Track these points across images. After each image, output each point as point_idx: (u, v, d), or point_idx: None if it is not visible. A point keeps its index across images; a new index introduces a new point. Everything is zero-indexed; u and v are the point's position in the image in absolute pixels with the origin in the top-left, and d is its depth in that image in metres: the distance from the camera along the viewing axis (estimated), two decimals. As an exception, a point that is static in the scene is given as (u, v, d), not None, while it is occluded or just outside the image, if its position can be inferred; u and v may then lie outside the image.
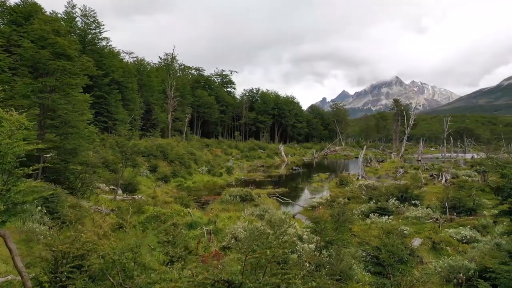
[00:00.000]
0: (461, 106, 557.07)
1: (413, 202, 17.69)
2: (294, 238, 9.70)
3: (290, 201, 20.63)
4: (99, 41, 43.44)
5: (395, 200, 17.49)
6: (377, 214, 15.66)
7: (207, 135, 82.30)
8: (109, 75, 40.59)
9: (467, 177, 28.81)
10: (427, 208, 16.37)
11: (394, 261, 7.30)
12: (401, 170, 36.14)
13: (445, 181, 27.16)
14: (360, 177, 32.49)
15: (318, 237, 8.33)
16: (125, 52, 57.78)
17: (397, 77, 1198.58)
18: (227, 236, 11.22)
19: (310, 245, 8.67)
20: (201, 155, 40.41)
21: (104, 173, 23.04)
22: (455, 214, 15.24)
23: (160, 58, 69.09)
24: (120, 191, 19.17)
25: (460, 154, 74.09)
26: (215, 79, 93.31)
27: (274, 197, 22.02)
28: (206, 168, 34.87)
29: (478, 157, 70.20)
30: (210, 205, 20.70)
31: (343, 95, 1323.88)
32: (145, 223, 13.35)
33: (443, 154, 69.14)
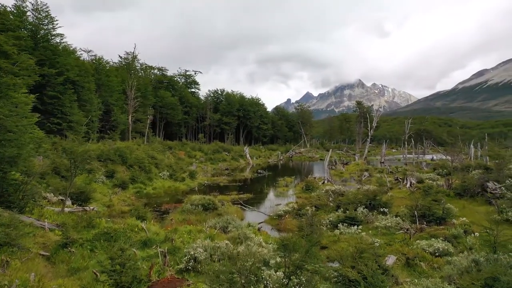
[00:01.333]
0: (420, 108, 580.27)
1: (381, 209, 17.18)
2: (259, 261, 8.71)
3: (255, 209, 19.67)
4: (53, 37, 40.79)
5: (363, 208, 16.91)
6: (346, 224, 14.97)
7: (171, 137, 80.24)
8: (63, 74, 38.15)
9: (431, 181, 28.98)
10: (396, 216, 15.87)
11: (374, 295, 6.52)
12: (366, 173, 36.12)
13: (410, 185, 27.12)
14: (326, 181, 32.07)
15: (286, 261, 7.36)
16: (83, 50, 54.91)
17: (359, 80, 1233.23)
18: (185, 256, 10.05)
19: (278, 272, 7.68)
20: (162, 158, 38.70)
21: (54, 181, 21.18)
22: (425, 223, 14.81)
23: (120, 57, 66.23)
24: (69, 202, 17.46)
25: (420, 156, 76.03)
26: (179, 79, 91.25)
27: (239, 205, 20.98)
28: (168, 173, 33.29)
29: (437, 158, 72.36)
30: (170, 214, 19.35)
31: (307, 96, 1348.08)
32: (94, 241, 11.92)
33: (404, 156, 70.59)
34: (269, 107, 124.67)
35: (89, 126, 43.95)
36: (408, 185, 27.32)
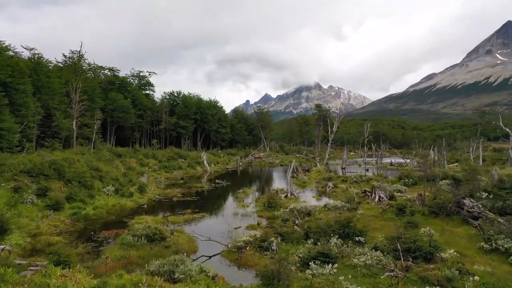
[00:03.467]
0: (374, 110, 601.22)
1: (356, 239, 14.88)
2: None
3: (210, 239, 16.80)
4: (-21, 33, 35.74)
5: (336, 239, 14.50)
6: (319, 262, 12.47)
7: (123, 142, 75.46)
8: (-9, 75, 33.41)
9: (399, 193, 27.40)
10: (375, 249, 13.56)
11: None
12: (330, 184, 34.17)
13: (379, 199, 25.31)
14: (289, 194, 29.76)
15: None
16: (24, 48, 49.25)
17: (317, 82, 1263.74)
18: None
19: None
20: (109, 170, 34.68)
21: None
22: (411, 259, 12.59)
23: (65, 56, 60.66)
24: (-28, 241, 13.73)
25: (378, 159, 75.77)
26: (132, 80, 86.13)
27: (192, 234, 17.92)
28: (113, 188, 29.48)
29: (396, 162, 72.57)
30: (106, 249, 16.02)
31: (266, 98, 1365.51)
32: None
33: (364, 160, 69.66)
34: (229, 108, 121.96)
35: (25, 133, 39.19)
36: (376, 199, 25.51)
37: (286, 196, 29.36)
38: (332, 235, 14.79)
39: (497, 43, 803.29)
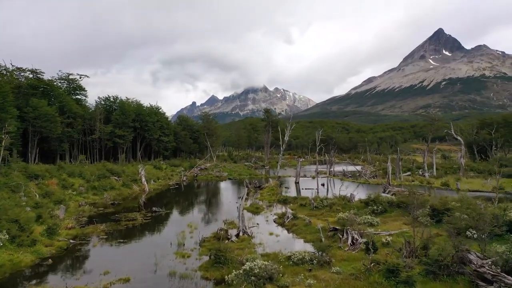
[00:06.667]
0: (318, 112, 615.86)
1: None
2: None
3: None
4: None
5: None
6: None
7: (49, 155, 65.89)
8: None
9: (370, 227, 22.79)
10: None
11: None
12: (289, 213, 28.96)
13: (352, 241, 20.51)
14: (241, 233, 24.16)
15: None
16: None
17: (263, 84, 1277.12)
18: None
19: None
20: (8, 205, 26.65)
21: None
22: None
23: (-32, 56, 50.54)
24: None
25: (329, 167, 72.53)
26: (60, 84, 76.16)
27: None
28: (8, 235, 22.04)
29: (348, 170, 69.75)
30: None
31: (212, 99, 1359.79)
32: None
33: (316, 170, 65.96)
34: (175, 110, 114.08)
35: None
36: (349, 241, 20.69)
37: (237, 235, 23.78)
38: None
39: (429, 49, 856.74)
